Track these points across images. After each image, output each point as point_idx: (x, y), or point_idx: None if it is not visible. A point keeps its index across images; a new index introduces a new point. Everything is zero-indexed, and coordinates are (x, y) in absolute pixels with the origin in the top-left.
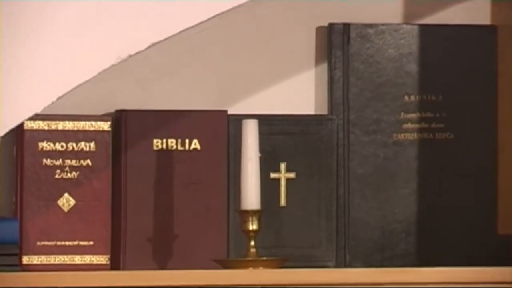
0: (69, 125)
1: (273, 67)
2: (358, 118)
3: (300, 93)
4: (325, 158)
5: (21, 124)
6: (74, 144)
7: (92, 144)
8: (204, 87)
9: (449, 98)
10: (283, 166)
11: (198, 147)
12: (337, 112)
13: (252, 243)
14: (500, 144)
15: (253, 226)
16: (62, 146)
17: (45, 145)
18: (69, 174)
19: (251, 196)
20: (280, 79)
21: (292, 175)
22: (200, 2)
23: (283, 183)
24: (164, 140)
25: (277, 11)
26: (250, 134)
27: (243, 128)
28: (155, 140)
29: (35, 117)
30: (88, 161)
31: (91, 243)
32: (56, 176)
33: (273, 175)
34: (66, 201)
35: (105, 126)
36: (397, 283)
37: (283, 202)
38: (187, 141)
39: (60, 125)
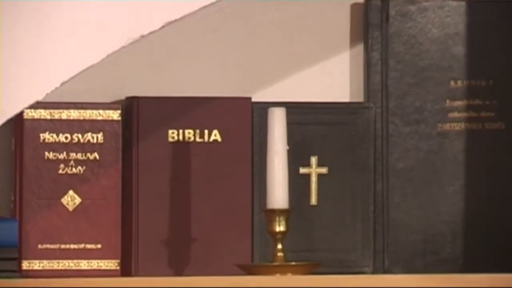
0: (74, 114)
1: (302, 49)
2: (398, 106)
3: (333, 78)
4: (361, 151)
5: (21, 113)
6: (80, 136)
7: (100, 136)
8: (225, 72)
9: (500, 83)
10: (314, 160)
11: (219, 138)
12: (375, 99)
13: (279, 246)
14: None
15: (280, 227)
16: (66, 138)
17: (47, 137)
18: (74, 169)
19: (278, 193)
20: (310, 62)
21: (324, 170)
22: None
23: (314, 179)
24: (181, 131)
25: None
26: (277, 124)
27: (269, 117)
28: (170, 131)
29: (36, 105)
30: (96, 155)
31: (99, 246)
32: (60, 172)
33: (302, 170)
34: (71, 200)
35: (115, 115)
36: None
37: (314, 200)
38: (206, 132)
39: (64, 114)
